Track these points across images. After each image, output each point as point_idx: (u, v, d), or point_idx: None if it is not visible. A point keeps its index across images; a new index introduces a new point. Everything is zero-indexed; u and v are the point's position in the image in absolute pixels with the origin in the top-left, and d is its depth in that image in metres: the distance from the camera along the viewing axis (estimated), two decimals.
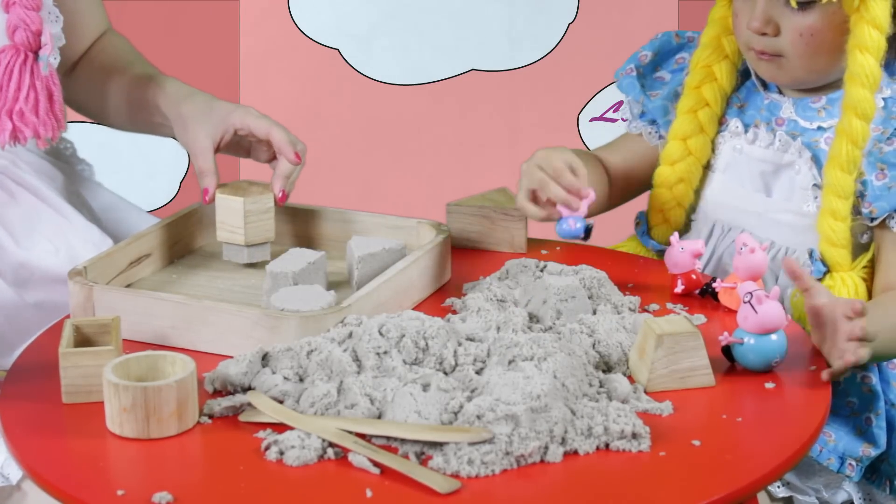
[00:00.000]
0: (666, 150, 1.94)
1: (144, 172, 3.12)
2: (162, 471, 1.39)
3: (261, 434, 1.45)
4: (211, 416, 1.48)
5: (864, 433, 1.79)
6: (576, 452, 1.40)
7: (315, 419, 1.44)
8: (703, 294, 1.74)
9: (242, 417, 1.48)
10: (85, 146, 2.16)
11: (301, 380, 1.52)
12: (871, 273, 1.83)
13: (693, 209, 1.96)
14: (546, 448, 1.39)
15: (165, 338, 1.63)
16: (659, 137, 1.97)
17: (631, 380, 1.54)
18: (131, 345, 1.63)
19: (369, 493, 1.34)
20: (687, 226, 1.96)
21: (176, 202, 3.13)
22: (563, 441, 1.41)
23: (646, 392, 1.52)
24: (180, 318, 1.62)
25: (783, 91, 1.89)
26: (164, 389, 1.43)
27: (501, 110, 3.13)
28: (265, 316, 1.59)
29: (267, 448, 1.41)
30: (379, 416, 1.45)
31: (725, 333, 1.56)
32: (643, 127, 1.98)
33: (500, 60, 3.13)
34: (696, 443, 1.42)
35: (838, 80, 1.83)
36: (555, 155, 1.81)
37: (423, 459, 1.39)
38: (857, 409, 1.80)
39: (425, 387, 1.46)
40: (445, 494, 1.33)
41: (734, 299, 1.69)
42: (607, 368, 1.56)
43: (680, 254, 1.75)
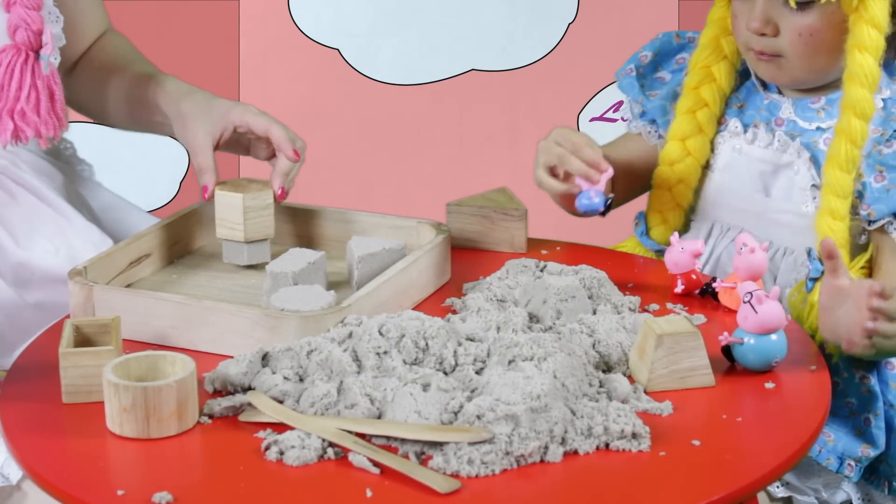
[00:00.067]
0: (665, 150, 1.94)
1: (144, 172, 3.12)
2: (162, 471, 1.39)
3: (261, 434, 1.45)
4: (211, 416, 1.48)
5: (864, 434, 1.79)
6: (576, 452, 1.40)
7: (315, 419, 1.44)
8: (703, 294, 1.74)
9: (242, 417, 1.48)
10: (85, 146, 2.16)
11: (301, 380, 1.51)
12: (868, 274, 1.83)
13: (692, 209, 1.96)
14: (546, 448, 1.39)
15: (165, 338, 1.63)
16: (658, 137, 1.97)
17: (631, 380, 1.54)
18: (131, 345, 1.63)
19: (369, 493, 1.34)
20: (686, 226, 1.97)
21: (176, 202, 3.13)
22: (563, 441, 1.41)
23: (646, 392, 1.52)
24: (180, 318, 1.62)
25: (783, 91, 1.89)
26: (164, 389, 1.43)
27: (501, 110, 3.13)
28: (265, 316, 1.59)
29: (267, 448, 1.41)
30: (379, 416, 1.45)
31: (725, 333, 1.56)
32: (643, 126, 1.98)
33: (500, 60, 3.12)
34: (696, 443, 1.42)
35: (838, 81, 1.83)
36: (572, 132, 1.82)
37: (423, 459, 1.39)
38: (855, 409, 1.80)
39: (425, 387, 1.46)
40: (445, 494, 1.33)
41: (734, 299, 1.69)
42: (607, 368, 1.56)
43: (680, 254, 1.75)
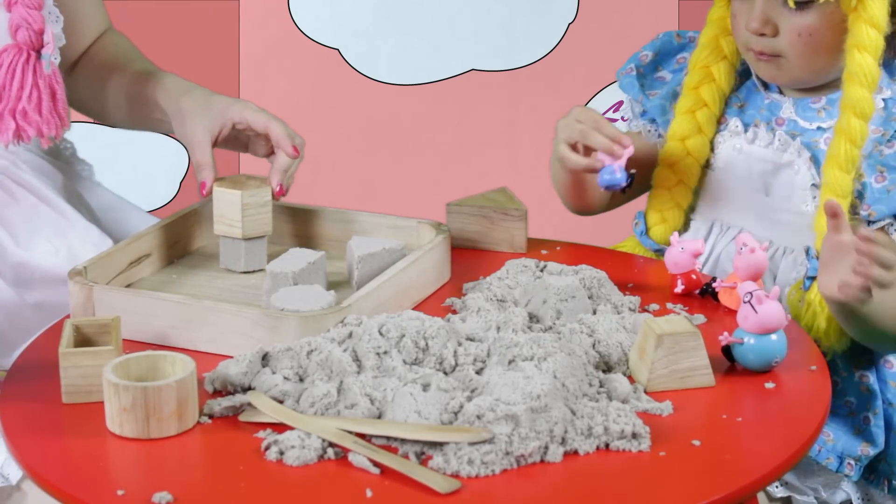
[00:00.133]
0: (664, 150, 1.94)
1: (144, 172, 3.12)
2: (162, 471, 1.39)
3: (261, 434, 1.45)
4: (211, 416, 1.48)
5: (863, 432, 1.79)
6: (576, 452, 1.40)
7: (315, 419, 1.44)
8: (703, 294, 1.74)
9: (242, 417, 1.48)
10: (85, 146, 2.16)
11: (301, 380, 1.51)
12: None
13: (692, 208, 1.96)
14: (546, 448, 1.39)
15: (165, 338, 1.63)
16: (658, 136, 1.97)
17: (631, 380, 1.54)
18: (131, 345, 1.62)
19: (369, 493, 1.34)
20: (686, 225, 1.97)
21: (176, 202, 3.13)
22: (563, 441, 1.41)
23: (646, 392, 1.52)
24: (180, 318, 1.62)
25: (783, 91, 1.89)
26: (164, 389, 1.43)
27: (501, 110, 3.13)
28: (265, 316, 1.59)
29: (267, 448, 1.41)
30: (379, 416, 1.45)
31: (725, 333, 1.56)
32: (643, 126, 1.98)
33: (500, 60, 3.12)
34: (696, 443, 1.42)
35: (838, 80, 1.83)
36: (592, 110, 1.84)
37: (423, 459, 1.39)
38: (855, 408, 1.80)
39: (425, 387, 1.46)
40: (445, 494, 1.33)
41: (734, 299, 1.69)
42: (607, 368, 1.55)
43: (680, 254, 1.75)
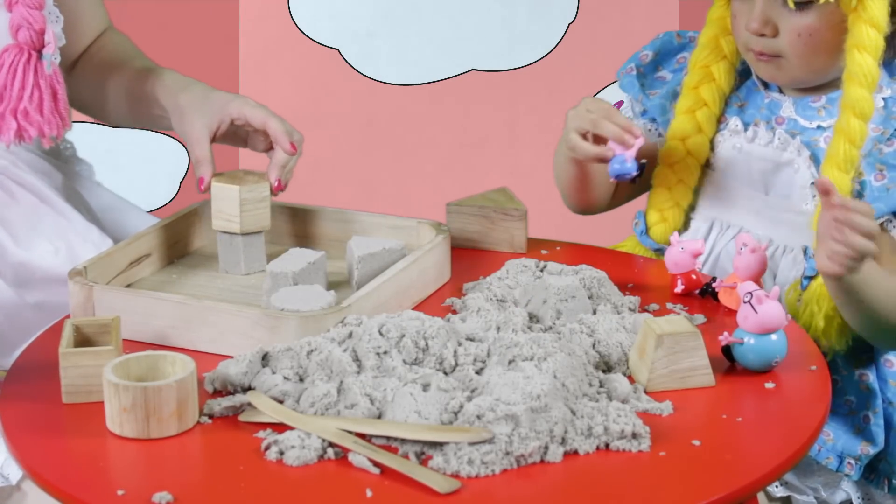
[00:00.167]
0: (664, 150, 1.94)
1: (144, 172, 3.12)
2: (162, 471, 1.39)
3: (261, 434, 1.45)
4: (211, 416, 1.48)
5: (863, 431, 1.79)
6: (576, 452, 1.40)
7: (315, 419, 1.44)
8: (703, 294, 1.74)
9: (242, 417, 1.48)
10: (85, 146, 2.16)
11: (301, 380, 1.51)
12: None
13: (692, 207, 1.96)
14: (546, 448, 1.39)
15: (165, 338, 1.63)
16: (658, 136, 1.97)
17: (631, 380, 1.54)
18: (131, 345, 1.62)
19: (369, 493, 1.34)
20: (686, 224, 1.97)
21: (176, 202, 3.13)
22: (563, 441, 1.41)
23: (646, 392, 1.51)
24: (180, 318, 1.62)
25: (783, 90, 1.89)
26: (164, 389, 1.43)
27: (501, 110, 3.13)
28: (265, 316, 1.59)
29: (267, 448, 1.41)
30: (379, 416, 1.45)
31: (725, 333, 1.56)
32: (644, 125, 1.98)
33: (500, 60, 3.12)
34: (696, 443, 1.42)
35: (838, 79, 1.83)
36: (603, 101, 1.84)
37: (423, 459, 1.39)
38: (855, 407, 1.80)
39: (425, 387, 1.46)
40: (445, 494, 1.33)
41: (734, 299, 1.69)
42: (607, 368, 1.55)
43: (680, 253, 1.75)
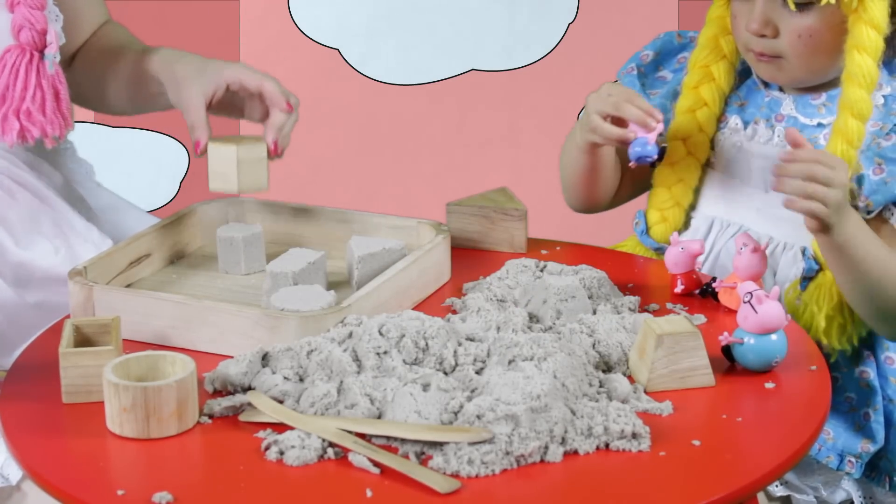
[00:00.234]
0: (664, 149, 1.94)
1: (144, 172, 3.12)
2: (162, 471, 1.39)
3: (261, 434, 1.45)
4: (211, 416, 1.48)
5: (863, 429, 1.80)
6: (576, 452, 1.40)
7: (315, 419, 1.44)
8: (703, 294, 1.74)
9: (242, 417, 1.48)
10: (85, 146, 2.16)
11: (301, 380, 1.51)
12: None
13: (693, 207, 1.96)
14: (546, 448, 1.39)
15: (165, 338, 1.63)
16: (660, 135, 1.97)
17: (631, 380, 1.54)
18: (131, 345, 1.63)
19: (369, 493, 1.34)
20: (686, 223, 1.97)
21: (176, 202, 3.13)
22: (563, 441, 1.41)
23: (646, 392, 1.51)
24: (180, 318, 1.62)
25: (783, 89, 1.89)
26: (164, 389, 1.43)
27: (501, 110, 3.13)
28: (265, 316, 1.59)
29: (267, 448, 1.41)
30: (379, 416, 1.45)
31: (725, 333, 1.56)
32: None
33: (500, 60, 3.12)
34: (696, 443, 1.42)
35: (838, 78, 1.83)
36: (623, 86, 1.85)
37: (423, 459, 1.39)
38: (855, 404, 1.80)
39: (425, 387, 1.46)
40: (445, 494, 1.33)
41: (734, 299, 1.69)
42: (607, 368, 1.55)
43: (680, 254, 1.75)
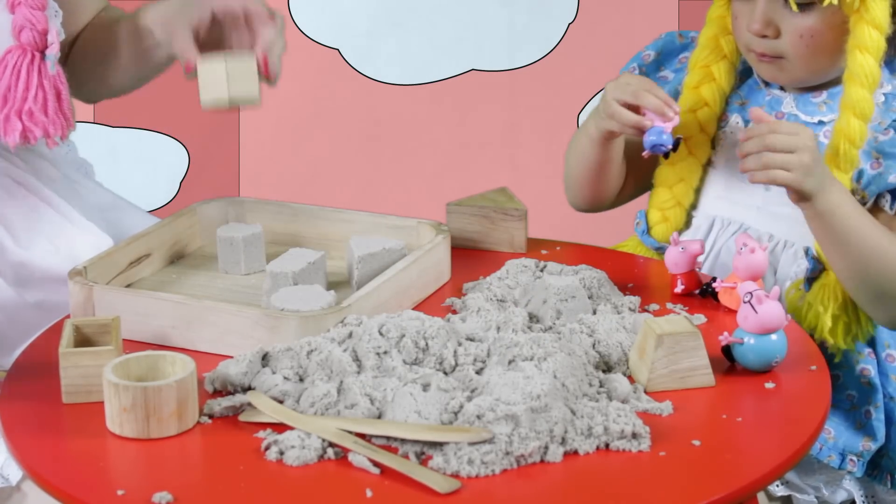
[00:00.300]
0: None
1: (144, 172, 3.12)
2: (162, 471, 1.39)
3: (261, 434, 1.45)
4: (211, 416, 1.48)
5: (864, 426, 1.80)
6: (576, 452, 1.40)
7: (315, 419, 1.44)
8: (703, 294, 1.74)
9: (242, 417, 1.48)
10: (85, 146, 2.15)
11: (301, 380, 1.51)
12: None
13: (694, 206, 1.96)
14: (546, 448, 1.39)
15: (165, 338, 1.63)
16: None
17: (631, 380, 1.54)
18: (131, 345, 1.63)
19: (369, 493, 1.34)
20: (687, 222, 1.97)
21: (176, 202, 3.13)
22: (563, 441, 1.41)
23: (646, 392, 1.52)
24: (180, 318, 1.62)
25: (784, 87, 1.90)
26: (164, 389, 1.43)
27: (501, 110, 3.13)
28: (265, 316, 1.59)
29: (267, 448, 1.41)
30: (379, 416, 1.45)
31: (725, 333, 1.56)
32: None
33: (500, 60, 3.12)
34: (696, 443, 1.42)
35: (839, 77, 1.83)
36: (642, 77, 1.86)
37: (423, 459, 1.39)
38: (856, 402, 1.81)
39: (425, 387, 1.46)
40: (445, 494, 1.33)
41: (734, 299, 1.69)
42: (607, 368, 1.55)
43: (680, 254, 1.75)
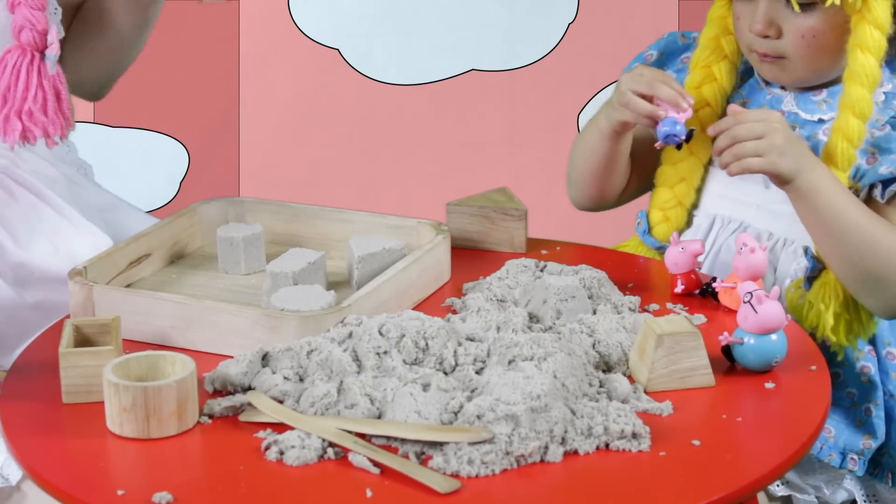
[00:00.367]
0: (667, 149, 1.94)
1: (144, 172, 3.12)
2: (162, 471, 1.39)
3: (261, 434, 1.45)
4: (211, 416, 1.48)
5: (864, 424, 1.80)
6: (576, 452, 1.40)
7: (315, 419, 1.44)
8: (703, 294, 1.74)
9: (242, 417, 1.48)
10: (85, 146, 2.15)
11: (301, 380, 1.51)
12: None
13: (695, 206, 1.96)
14: (546, 448, 1.39)
15: (165, 338, 1.63)
16: None
17: (631, 380, 1.54)
18: (131, 345, 1.62)
19: (369, 493, 1.34)
20: (688, 221, 1.97)
21: (176, 202, 3.13)
22: (563, 441, 1.41)
23: (646, 392, 1.51)
24: (180, 318, 1.62)
25: (785, 86, 1.90)
26: (164, 389, 1.43)
27: (501, 110, 3.13)
28: (265, 316, 1.58)
29: (267, 448, 1.41)
30: (379, 416, 1.45)
31: (725, 333, 1.56)
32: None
33: (500, 60, 3.12)
34: (696, 443, 1.42)
35: (840, 76, 1.83)
36: (657, 69, 1.87)
37: (423, 459, 1.39)
38: (856, 399, 1.81)
39: (425, 387, 1.46)
40: (445, 494, 1.33)
41: (734, 299, 1.69)
42: (607, 368, 1.55)
43: (680, 254, 1.75)
